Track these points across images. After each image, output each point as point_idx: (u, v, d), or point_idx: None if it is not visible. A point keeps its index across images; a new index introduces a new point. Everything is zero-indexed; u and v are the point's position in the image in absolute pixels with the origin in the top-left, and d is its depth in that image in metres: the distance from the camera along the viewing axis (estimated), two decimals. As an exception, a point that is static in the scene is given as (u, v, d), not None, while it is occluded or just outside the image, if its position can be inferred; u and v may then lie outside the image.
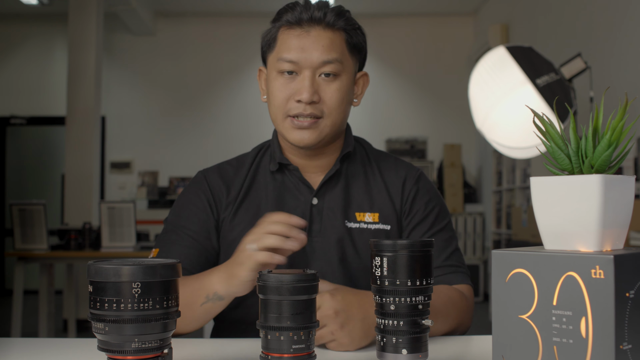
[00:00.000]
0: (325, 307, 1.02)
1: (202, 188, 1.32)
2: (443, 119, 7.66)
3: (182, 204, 1.32)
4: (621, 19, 4.10)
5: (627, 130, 0.74)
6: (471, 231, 7.00)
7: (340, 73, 1.24)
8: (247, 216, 1.28)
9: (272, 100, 1.26)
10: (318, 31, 1.23)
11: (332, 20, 1.23)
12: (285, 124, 1.25)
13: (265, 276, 0.80)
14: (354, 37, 1.27)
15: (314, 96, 1.21)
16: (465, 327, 1.24)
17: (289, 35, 1.23)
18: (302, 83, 1.21)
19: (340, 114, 1.25)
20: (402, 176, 1.34)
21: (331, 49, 1.22)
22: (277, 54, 1.24)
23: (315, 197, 1.29)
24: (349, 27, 1.26)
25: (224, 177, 1.33)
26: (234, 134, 7.43)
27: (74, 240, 4.40)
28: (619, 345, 0.66)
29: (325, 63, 1.21)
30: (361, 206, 1.30)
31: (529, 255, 0.74)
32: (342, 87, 1.24)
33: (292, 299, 0.78)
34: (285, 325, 0.78)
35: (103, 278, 0.75)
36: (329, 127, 1.24)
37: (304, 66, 1.22)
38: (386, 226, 1.29)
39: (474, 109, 2.91)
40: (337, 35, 1.24)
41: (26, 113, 7.64)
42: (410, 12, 7.63)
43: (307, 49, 1.21)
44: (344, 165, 1.33)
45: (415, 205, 1.32)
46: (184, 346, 1.06)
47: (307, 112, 1.21)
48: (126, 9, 6.62)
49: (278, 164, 1.31)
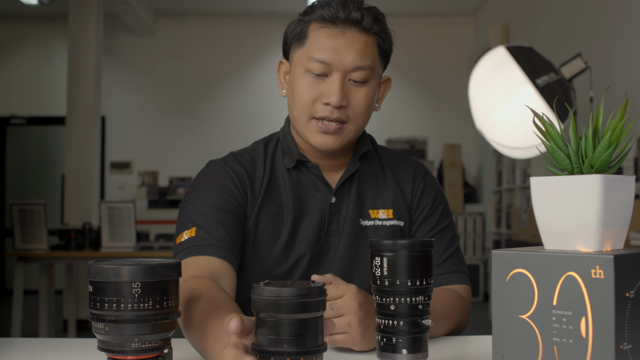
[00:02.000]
0: (349, 297, 0.97)
1: (227, 174, 1.25)
2: (443, 119, 7.66)
3: (209, 186, 1.23)
4: (621, 19, 4.10)
5: (627, 130, 0.74)
6: (471, 231, 7.00)
7: (370, 79, 1.20)
8: (269, 214, 1.24)
9: (298, 99, 1.20)
10: (353, 33, 1.17)
11: (369, 24, 1.18)
12: (309, 126, 1.20)
13: (259, 289, 0.67)
14: (386, 43, 1.23)
15: (343, 100, 1.17)
16: (462, 327, 1.24)
17: (323, 34, 1.17)
18: (332, 86, 1.16)
19: (365, 120, 1.22)
20: (411, 171, 1.33)
21: (365, 55, 1.17)
22: (308, 51, 1.18)
23: (334, 196, 1.27)
24: (383, 33, 1.22)
25: (246, 168, 1.27)
26: (234, 134, 7.43)
27: (74, 240, 4.40)
28: (619, 345, 0.66)
29: (357, 68, 1.17)
30: (375, 203, 1.28)
31: (529, 255, 0.74)
32: (370, 93, 1.20)
33: (291, 318, 0.66)
34: (283, 350, 0.66)
35: (103, 278, 0.75)
36: (352, 133, 1.21)
37: (336, 68, 1.16)
38: (400, 222, 1.28)
39: (474, 109, 2.91)
40: (371, 40, 1.19)
41: (26, 113, 7.63)
42: (410, 12, 7.62)
43: (340, 51, 1.16)
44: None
45: (423, 200, 1.31)
46: (184, 346, 1.06)
47: (334, 115, 1.17)
48: (126, 9, 6.62)
49: (296, 161, 1.27)
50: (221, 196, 1.21)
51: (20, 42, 7.69)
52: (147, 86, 7.68)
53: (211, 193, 1.22)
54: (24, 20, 7.62)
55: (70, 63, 5.76)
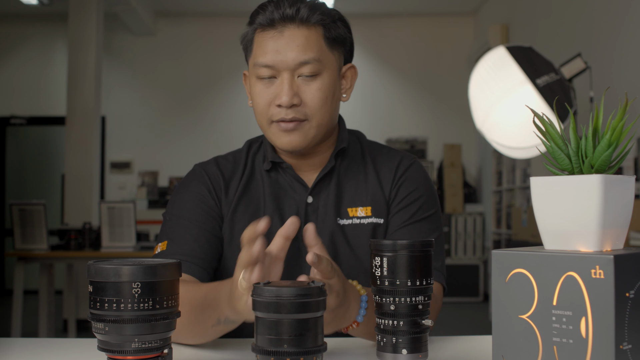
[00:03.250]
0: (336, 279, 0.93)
1: (202, 180, 1.28)
2: (443, 119, 7.67)
3: (184, 195, 1.28)
4: (621, 19, 4.10)
5: (627, 130, 0.74)
6: (471, 231, 7.00)
7: (321, 72, 1.18)
8: (246, 214, 1.26)
9: (255, 106, 1.22)
10: (292, 30, 1.16)
11: (306, 16, 1.16)
12: (271, 130, 1.21)
13: (259, 289, 0.68)
14: (333, 31, 1.20)
15: (294, 99, 1.16)
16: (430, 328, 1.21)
17: (263, 38, 1.18)
18: (281, 87, 1.16)
19: (325, 113, 1.20)
20: (395, 166, 1.30)
21: (307, 48, 1.16)
22: (254, 59, 1.19)
23: (310, 196, 1.26)
24: (326, 21, 1.19)
25: (223, 171, 1.30)
26: (234, 134, 7.42)
27: (74, 240, 4.40)
28: (619, 345, 0.66)
29: (302, 64, 1.16)
30: (353, 201, 1.26)
31: (529, 255, 0.74)
32: (324, 85, 1.18)
33: (291, 318, 0.66)
34: (283, 350, 0.66)
35: (103, 278, 0.75)
36: (314, 129, 1.20)
37: (281, 69, 1.16)
38: (379, 220, 1.25)
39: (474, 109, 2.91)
40: (313, 32, 1.17)
41: (26, 113, 7.64)
42: (410, 12, 7.63)
43: (281, 51, 1.16)
44: (338, 161, 1.29)
45: (400, 193, 1.27)
46: (184, 346, 1.06)
47: (289, 116, 1.16)
48: (126, 9, 6.62)
49: (271, 163, 1.28)
50: (194, 205, 1.24)
51: (20, 42, 7.69)
52: (147, 86, 7.68)
53: (185, 202, 1.25)
54: (24, 20, 7.62)
55: (70, 63, 5.76)
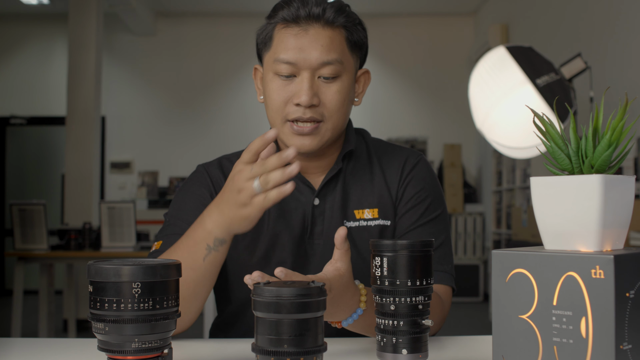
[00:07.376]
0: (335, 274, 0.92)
1: (203, 181, 1.27)
2: (443, 119, 7.67)
3: (184, 196, 1.27)
4: (621, 19, 4.10)
5: (627, 130, 0.74)
6: (471, 231, 7.00)
7: (341, 74, 1.17)
8: None
9: (270, 103, 1.19)
10: (317, 29, 1.15)
11: (332, 17, 1.16)
12: (284, 129, 1.18)
13: (260, 289, 0.68)
14: (355, 34, 1.20)
15: (314, 99, 1.14)
16: (436, 331, 1.20)
17: (286, 34, 1.16)
18: (301, 85, 1.15)
19: (341, 116, 1.19)
20: (401, 165, 1.29)
21: (331, 49, 1.15)
22: (274, 54, 1.17)
23: (317, 198, 1.24)
24: (349, 24, 1.18)
25: (226, 172, 1.28)
26: (234, 134, 7.43)
27: (74, 240, 4.40)
28: (619, 345, 0.66)
29: (324, 64, 1.15)
30: (360, 203, 1.25)
31: (529, 255, 0.74)
32: (343, 88, 1.17)
33: (292, 318, 0.66)
34: (283, 350, 0.66)
35: (103, 278, 0.75)
36: (330, 131, 1.19)
37: (302, 67, 1.15)
38: (386, 222, 1.24)
39: (474, 109, 2.91)
40: (337, 33, 1.17)
41: (26, 113, 7.64)
42: (410, 12, 7.63)
43: (305, 49, 1.14)
44: (344, 163, 1.28)
45: (407, 192, 1.26)
46: (184, 346, 1.06)
47: (306, 115, 1.15)
48: (126, 9, 6.62)
49: None
50: (193, 206, 1.23)
51: (20, 42, 7.69)
52: (147, 86, 7.68)
53: (185, 203, 1.25)
54: (24, 20, 7.62)
55: (70, 63, 5.76)
